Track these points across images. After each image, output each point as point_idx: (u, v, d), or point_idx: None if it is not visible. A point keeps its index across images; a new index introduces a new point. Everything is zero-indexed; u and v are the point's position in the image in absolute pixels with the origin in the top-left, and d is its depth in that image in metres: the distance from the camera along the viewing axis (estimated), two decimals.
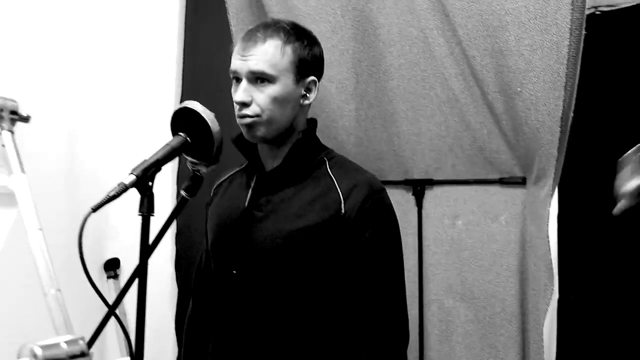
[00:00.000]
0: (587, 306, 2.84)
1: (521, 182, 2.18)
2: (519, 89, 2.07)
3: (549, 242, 2.03)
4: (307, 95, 1.37)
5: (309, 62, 1.35)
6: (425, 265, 2.27)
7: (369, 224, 1.32)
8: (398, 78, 2.24)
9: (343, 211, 1.30)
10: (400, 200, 2.33)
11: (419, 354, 2.24)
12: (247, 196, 1.40)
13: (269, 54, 1.29)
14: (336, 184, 1.34)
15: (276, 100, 1.30)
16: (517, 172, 2.19)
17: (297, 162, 1.37)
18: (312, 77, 1.36)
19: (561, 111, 1.99)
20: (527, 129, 2.09)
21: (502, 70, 2.08)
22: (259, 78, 1.29)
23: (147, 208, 1.11)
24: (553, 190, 2.06)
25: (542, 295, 2.05)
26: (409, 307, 2.23)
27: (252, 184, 1.41)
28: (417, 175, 2.31)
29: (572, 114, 2.02)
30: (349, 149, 2.36)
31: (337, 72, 2.30)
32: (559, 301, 2.91)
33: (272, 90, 1.30)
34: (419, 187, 2.29)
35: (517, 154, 2.17)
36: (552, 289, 2.04)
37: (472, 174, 2.25)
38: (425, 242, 2.28)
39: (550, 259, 2.03)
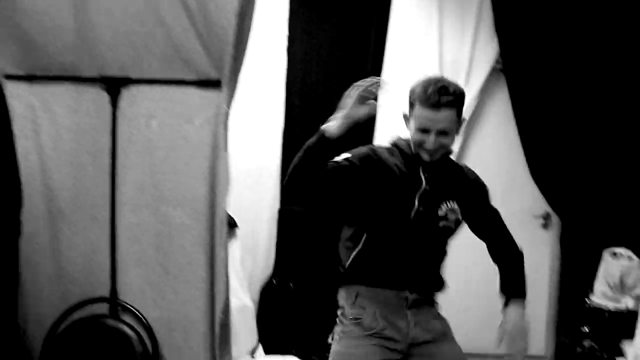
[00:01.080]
0: (304, 216, 3.05)
1: (216, 84, 2.15)
2: None
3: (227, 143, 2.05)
4: None
5: None
6: (118, 166, 2.18)
7: None
8: None
9: None
10: (95, 99, 2.18)
11: (111, 257, 2.20)
12: None
13: None
14: None
15: None
16: (213, 75, 2.15)
17: None
18: None
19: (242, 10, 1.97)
20: (218, 29, 2.04)
21: None
22: None
23: None
24: (234, 93, 2.07)
25: (222, 195, 2.09)
26: (100, 210, 2.17)
27: None
28: (112, 72, 2.17)
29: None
30: (37, 38, 2.13)
31: None
32: (280, 211, 3.09)
33: None
34: (114, 86, 2.17)
35: (212, 56, 2.12)
36: (228, 190, 2.10)
37: (169, 73, 2.16)
38: (119, 143, 2.18)
39: (229, 162, 2.07)
